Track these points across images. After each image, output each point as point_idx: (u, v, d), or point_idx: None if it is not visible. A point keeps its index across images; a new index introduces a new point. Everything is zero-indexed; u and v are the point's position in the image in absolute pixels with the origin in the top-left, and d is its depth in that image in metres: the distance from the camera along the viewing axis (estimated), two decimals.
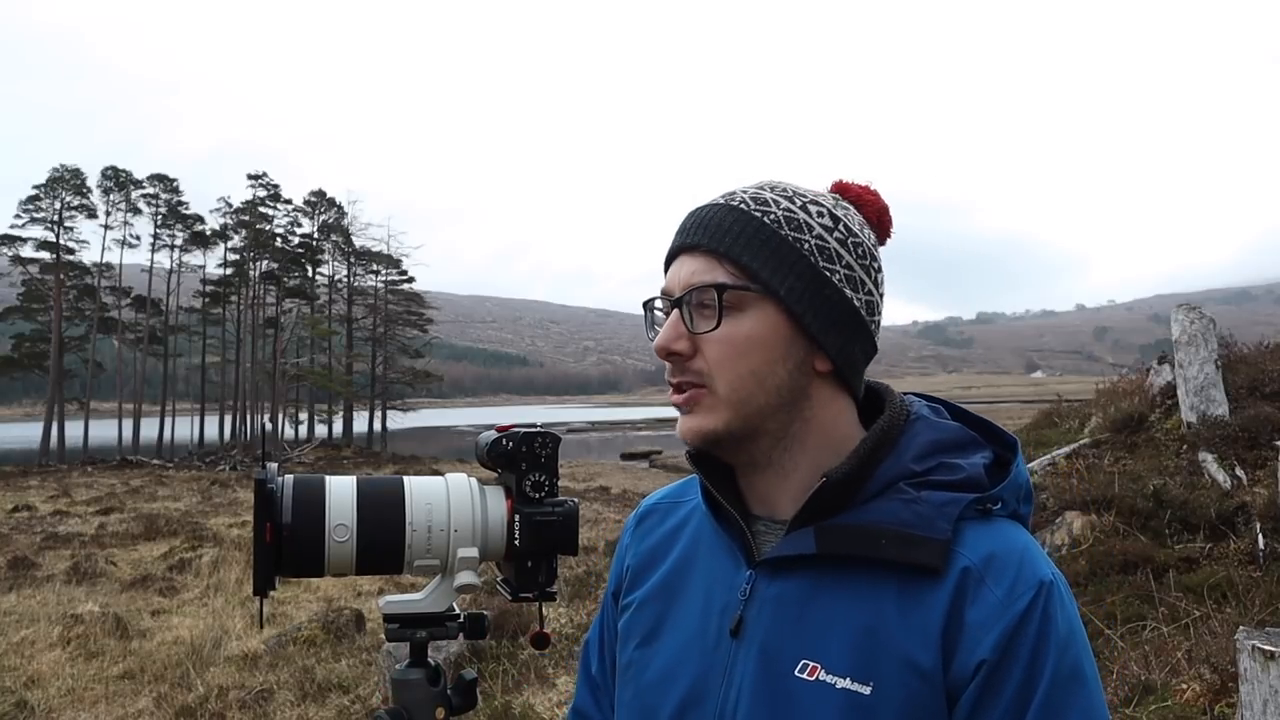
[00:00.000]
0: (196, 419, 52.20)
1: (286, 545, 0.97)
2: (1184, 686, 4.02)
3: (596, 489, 24.36)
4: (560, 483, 1.06)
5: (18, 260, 46.57)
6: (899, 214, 1.06)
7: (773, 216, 0.96)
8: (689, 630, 1.02)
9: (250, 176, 52.07)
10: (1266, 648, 3.07)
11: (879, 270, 1.00)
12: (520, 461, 1.04)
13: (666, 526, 1.12)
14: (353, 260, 56.04)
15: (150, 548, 13.88)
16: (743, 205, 0.97)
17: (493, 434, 1.06)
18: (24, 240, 46.44)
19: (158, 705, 6.44)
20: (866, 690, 0.88)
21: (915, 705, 0.87)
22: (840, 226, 0.97)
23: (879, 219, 1.02)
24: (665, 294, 1.00)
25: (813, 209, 0.97)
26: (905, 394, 1.07)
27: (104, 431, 49.98)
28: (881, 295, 1.00)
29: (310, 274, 53.29)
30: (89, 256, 49.10)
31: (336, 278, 56.01)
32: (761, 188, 1.00)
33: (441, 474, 1.08)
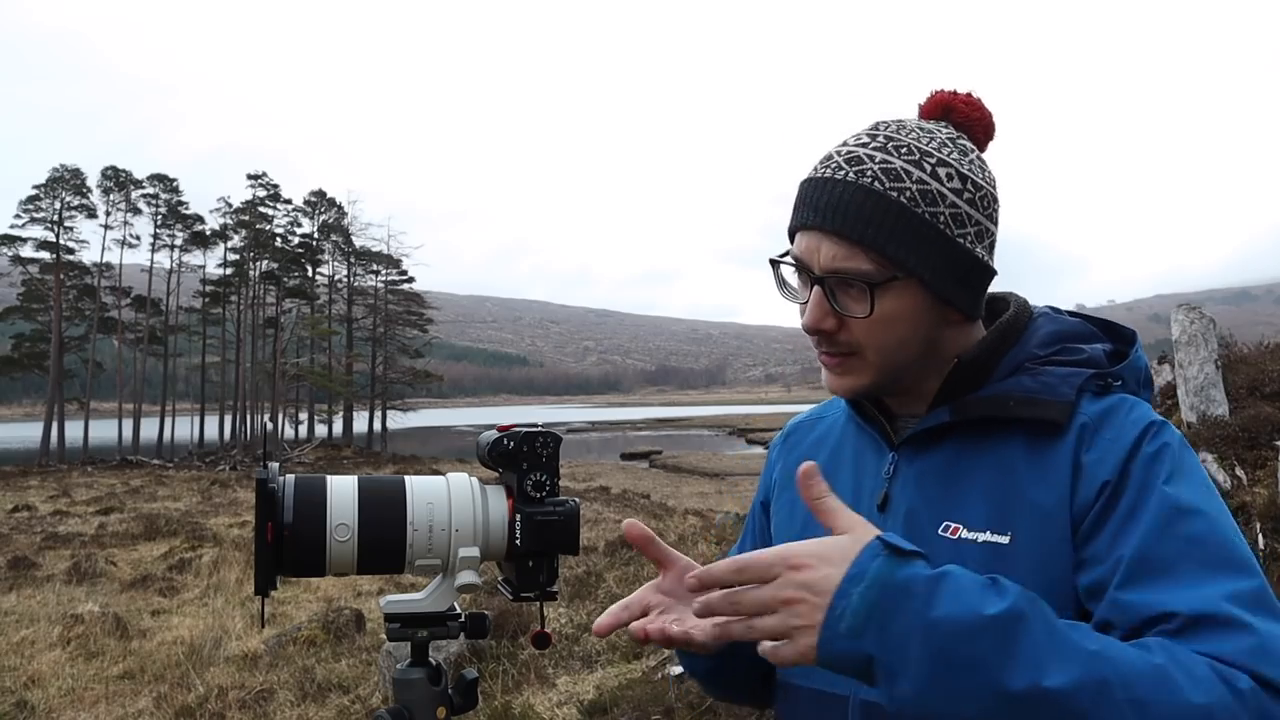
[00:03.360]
0: (196, 419, 52.09)
1: (288, 545, 0.97)
2: None
3: (596, 489, 24.33)
4: (561, 482, 1.07)
5: (18, 260, 46.53)
6: None
7: (909, 195, 0.96)
8: None
9: (250, 176, 52.06)
10: None
11: (998, 206, 1.03)
12: (521, 461, 1.04)
13: (812, 437, 1.19)
14: (353, 260, 56.01)
15: (150, 548, 13.88)
16: (876, 185, 0.96)
17: (494, 434, 1.06)
18: (24, 240, 46.43)
19: (158, 705, 6.44)
20: (1005, 540, 0.93)
21: (1047, 548, 0.92)
22: (969, 185, 0.99)
23: (986, 134, 1.05)
24: (801, 266, 1.01)
25: (942, 173, 0.97)
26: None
27: (104, 431, 49.93)
28: (998, 224, 1.04)
29: (310, 274, 53.23)
30: (89, 256, 49.13)
31: (336, 278, 56.00)
32: (888, 153, 0.98)
33: (442, 474, 1.08)
